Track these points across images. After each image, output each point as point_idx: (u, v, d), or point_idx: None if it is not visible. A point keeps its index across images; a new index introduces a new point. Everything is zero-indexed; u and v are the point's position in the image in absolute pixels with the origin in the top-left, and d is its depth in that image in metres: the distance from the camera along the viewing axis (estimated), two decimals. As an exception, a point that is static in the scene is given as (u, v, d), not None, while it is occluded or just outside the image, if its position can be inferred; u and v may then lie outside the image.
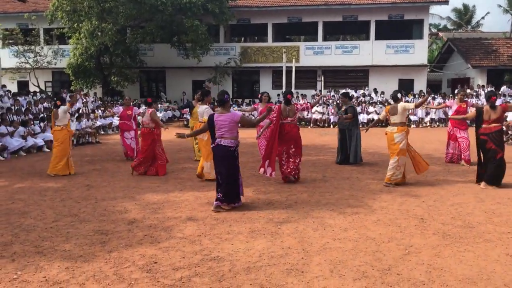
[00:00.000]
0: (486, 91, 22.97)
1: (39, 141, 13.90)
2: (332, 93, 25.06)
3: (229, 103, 6.64)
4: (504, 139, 14.35)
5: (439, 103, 21.89)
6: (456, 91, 22.95)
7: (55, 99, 10.49)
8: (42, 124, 14.70)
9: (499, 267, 4.43)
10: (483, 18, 45.14)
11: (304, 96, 24.95)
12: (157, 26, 23.15)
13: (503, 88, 23.44)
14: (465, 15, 45.23)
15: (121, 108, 12.13)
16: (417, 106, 8.84)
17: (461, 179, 8.75)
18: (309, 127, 22.10)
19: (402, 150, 8.08)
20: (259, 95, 11.30)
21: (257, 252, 4.87)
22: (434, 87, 29.18)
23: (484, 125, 7.99)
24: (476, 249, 4.91)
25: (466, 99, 10.89)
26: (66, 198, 7.51)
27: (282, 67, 23.39)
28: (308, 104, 8.56)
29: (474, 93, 23.13)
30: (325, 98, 24.27)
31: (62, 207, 6.89)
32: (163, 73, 29.14)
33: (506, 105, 8.49)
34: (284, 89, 23.48)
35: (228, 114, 6.46)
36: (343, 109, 10.83)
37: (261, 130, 9.11)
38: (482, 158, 8.13)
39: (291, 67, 23.14)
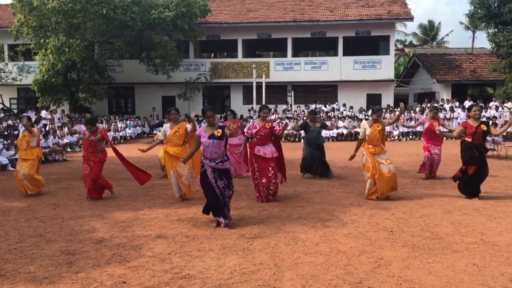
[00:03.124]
0: (451, 105, 23.76)
1: (3, 160, 13.49)
2: (302, 108, 25.33)
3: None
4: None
5: (410, 119, 22.51)
6: (426, 107, 23.61)
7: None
8: (6, 142, 14.28)
9: (467, 276, 4.51)
10: (447, 35, 46.78)
11: (275, 111, 25.13)
12: (125, 42, 22.97)
13: (466, 102, 24.18)
14: (430, 31, 46.75)
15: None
16: (390, 124, 9.10)
17: (429, 191, 8.92)
18: (281, 141, 22.15)
19: (362, 164, 8.37)
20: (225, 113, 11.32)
21: (228, 269, 4.81)
22: (401, 102, 29.87)
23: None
24: (444, 260, 4.99)
25: (438, 116, 10.96)
26: (31, 218, 7.28)
27: (252, 82, 23.53)
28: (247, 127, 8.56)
29: (441, 107, 23.75)
30: (295, 113, 24.50)
31: (26, 227, 6.68)
32: (132, 89, 28.90)
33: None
34: (255, 104, 23.63)
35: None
36: (317, 125, 10.89)
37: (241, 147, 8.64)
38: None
39: (261, 82, 23.28)
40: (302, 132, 22.08)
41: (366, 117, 21.47)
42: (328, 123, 22.64)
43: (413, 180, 10.29)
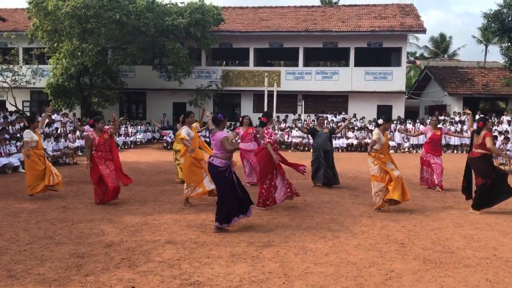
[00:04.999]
0: (462, 118, 23.62)
1: (15, 161, 13.60)
2: (313, 118, 25.32)
3: (223, 122, 6.59)
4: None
5: (414, 131, 22.35)
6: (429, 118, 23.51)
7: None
8: (18, 144, 14.41)
9: (479, 292, 4.44)
10: (459, 48, 46.62)
11: (284, 120, 25.16)
12: (138, 48, 23.13)
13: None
14: (442, 44, 46.62)
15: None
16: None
17: (440, 204, 8.83)
18: (289, 150, 22.16)
19: (372, 175, 8.22)
20: (240, 118, 11.28)
21: (237, 276, 4.79)
22: (412, 114, 29.80)
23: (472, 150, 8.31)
24: (456, 274, 4.92)
25: (440, 126, 11.05)
26: (42, 220, 7.31)
27: (263, 91, 23.56)
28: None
29: (452, 120, 23.63)
30: (305, 123, 24.47)
31: (37, 229, 6.70)
32: (143, 94, 29.09)
33: (489, 133, 8.14)
34: (265, 112, 23.58)
35: (216, 133, 6.50)
36: (325, 130, 10.85)
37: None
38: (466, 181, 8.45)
39: (272, 91, 23.32)
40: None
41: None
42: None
43: (424, 192, 10.20)
